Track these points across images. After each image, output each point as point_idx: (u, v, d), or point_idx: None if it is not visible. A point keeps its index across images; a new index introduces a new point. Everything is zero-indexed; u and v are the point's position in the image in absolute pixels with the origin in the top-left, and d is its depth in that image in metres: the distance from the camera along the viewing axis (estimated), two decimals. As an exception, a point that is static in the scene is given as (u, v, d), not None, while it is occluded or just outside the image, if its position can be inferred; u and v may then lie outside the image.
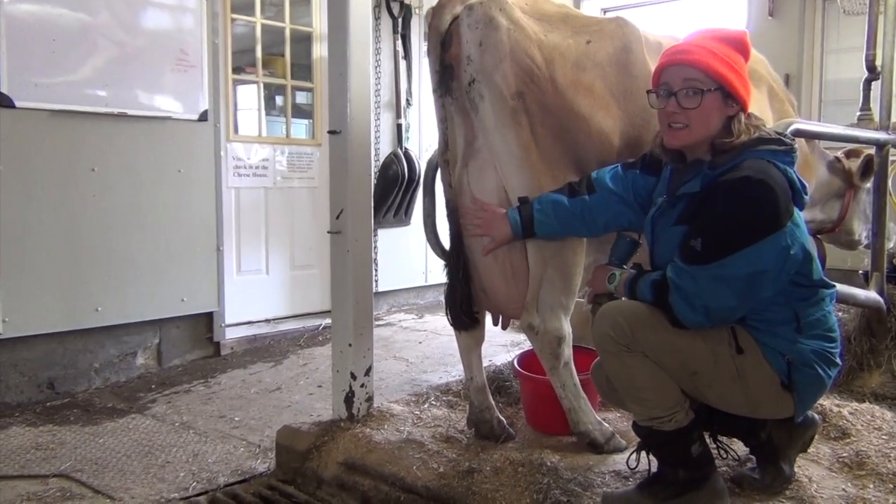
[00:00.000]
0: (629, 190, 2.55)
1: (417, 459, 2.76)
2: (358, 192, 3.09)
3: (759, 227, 2.08)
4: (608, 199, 2.55)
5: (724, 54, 2.21)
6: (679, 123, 2.23)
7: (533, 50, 2.59)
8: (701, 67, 2.18)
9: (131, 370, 4.64)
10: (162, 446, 3.53)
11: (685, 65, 2.21)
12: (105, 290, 4.44)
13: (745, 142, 2.19)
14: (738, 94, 2.20)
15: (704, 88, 2.18)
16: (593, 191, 2.56)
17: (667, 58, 2.27)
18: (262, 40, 5.55)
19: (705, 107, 2.19)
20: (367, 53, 3.13)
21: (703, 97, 2.18)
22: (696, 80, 2.19)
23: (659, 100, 2.28)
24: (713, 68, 2.17)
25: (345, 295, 3.11)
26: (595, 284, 2.49)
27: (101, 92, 4.35)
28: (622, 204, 2.55)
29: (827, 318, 2.26)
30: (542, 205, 2.57)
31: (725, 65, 2.19)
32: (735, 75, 2.20)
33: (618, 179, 2.57)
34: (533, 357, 3.02)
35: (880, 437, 2.85)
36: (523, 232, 2.59)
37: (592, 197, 2.55)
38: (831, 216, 4.00)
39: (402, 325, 6.00)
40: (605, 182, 2.56)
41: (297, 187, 5.76)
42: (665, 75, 2.26)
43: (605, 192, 2.55)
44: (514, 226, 2.59)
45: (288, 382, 4.51)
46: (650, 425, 2.27)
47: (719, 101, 2.19)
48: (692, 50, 2.22)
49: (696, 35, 2.30)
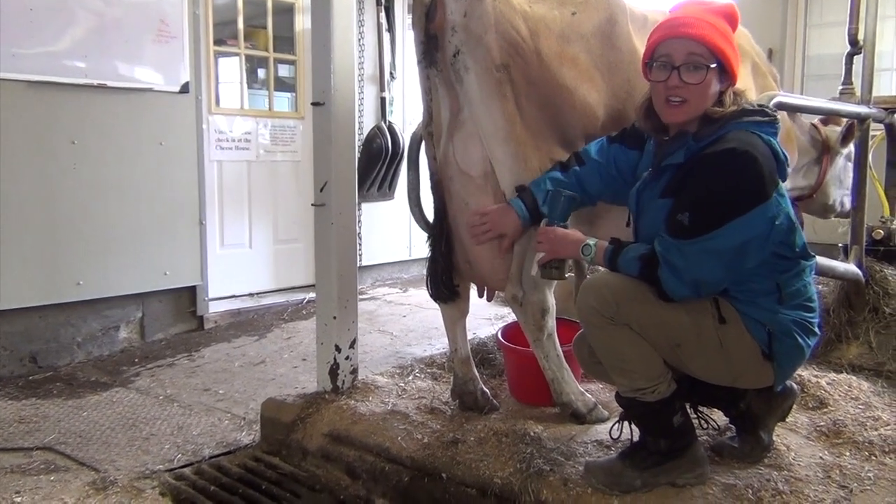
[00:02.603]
0: (612, 163, 2.56)
1: (402, 430, 2.78)
2: (342, 163, 3.08)
3: (746, 198, 2.09)
4: (596, 170, 2.57)
5: (721, 28, 2.20)
6: (678, 98, 2.20)
7: (518, 21, 2.57)
8: (704, 42, 2.15)
9: (114, 344, 4.63)
10: (146, 419, 3.53)
11: (690, 38, 2.16)
12: (86, 264, 4.41)
13: (729, 113, 2.20)
14: (732, 69, 2.20)
15: (707, 64, 2.16)
16: (582, 163, 2.58)
17: (668, 30, 2.22)
18: (244, 12, 5.49)
19: (706, 82, 2.17)
20: (351, 24, 3.11)
21: (706, 73, 2.16)
22: (699, 55, 2.16)
23: (656, 72, 2.23)
24: (716, 44, 2.15)
25: (329, 267, 3.11)
26: (553, 250, 2.44)
27: (79, 63, 4.28)
28: (607, 175, 2.57)
29: (807, 289, 2.29)
30: (541, 185, 2.57)
31: (725, 40, 2.18)
32: (731, 50, 2.19)
33: (602, 152, 2.58)
34: (517, 329, 3.04)
35: (857, 406, 2.90)
36: (531, 216, 2.58)
37: (582, 168, 2.58)
38: (810, 182, 4.04)
39: (387, 298, 6.02)
40: (591, 154, 2.59)
41: (280, 161, 5.73)
42: (665, 47, 2.21)
43: (593, 164, 2.57)
44: (520, 213, 2.57)
45: (272, 356, 4.52)
46: (633, 396, 2.29)
47: (716, 75, 2.18)
48: (695, 23, 2.18)
49: (689, 6, 2.27)
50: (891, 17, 6.06)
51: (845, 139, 3.92)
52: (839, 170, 4.08)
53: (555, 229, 2.44)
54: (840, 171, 4.09)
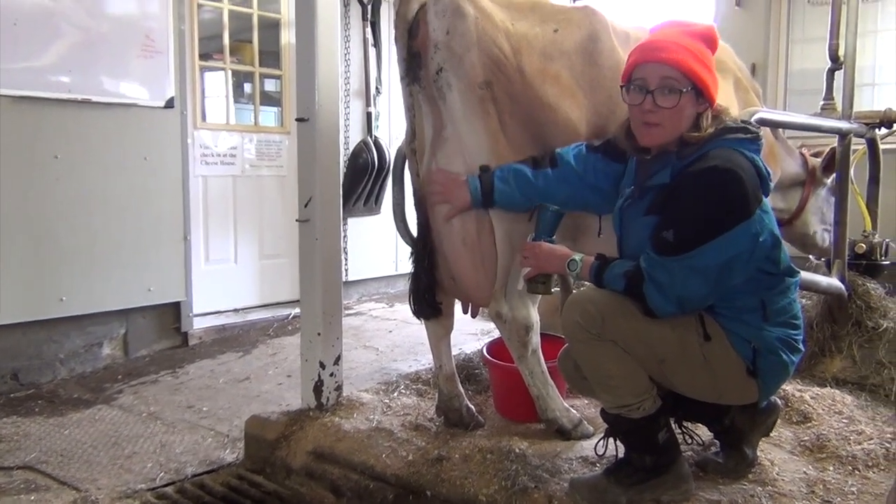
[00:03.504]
0: (589, 171, 2.55)
1: (387, 448, 2.76)
2: (326, 180, 3.08)
3: (730, 215, 2.10)
4: (569, 176, 2.55)
5: (697, 51, 2.21)
6: (653, 121, 2.22)
7: (500, 39, 2.58)
8: (678, 67, 2.17)
9: (97, 361, 4.59)
10: (129, 437, 3.49)
11: (663, 63, 2.19)
12: (70, 280, 4.38)
13: (707, 136, 2.21)
14: (709, 92, 2.21)
15: (681, 88, 2.18)
16: (556, 165, 2.56)
17: (643, 54, 2.24)
18: (230, 27, 5.48)
19: (680, 106, 2.19)
20: (336, 40, 3.11)
21: (680, 97, 2.18)
22: (673, 80, 2.18)
23: (632, 95, 2.26)
24: (690, 68, 2.17)
25: (313, 283, 3.10)
26: (539, 265, 2.45)
27: (64, 78, 4.27)
28: (581, 182, 2.55)
29: (792, 306, 2.30)
30: (504, 173, 2.56)
31: (700, 63, 2.19)
32: (708, 73, 2.20)
33: (580, 159, 2.57)
34: (502, 345, 3.04)
35: (840, 420, 2.91)
36: (483, 199, 2.57)
37: (555, 171, 2.55)
38: (790, 206, 4.06)
39: (373, 314, 6.00)
40: (568, 159, 2.57)
41: (265, 175, 5.71)
42: (640, 71, 2.23)
43: (568, 169, 2.55)
44: (473, 192, 2.57)
45: (257, 372, 4.49)
46: (619, 412, 2.29)
47: (692, 99, 2.20)
48: (669, 48, 2.20)
49: (667, 29, 2.28)
50: (871, 33, 6.12)
51: (827, 167, 3.95)
52: (821, 201, 4.10)
53: (541, 244, 2.45)
54: (822, 202, 4.10)
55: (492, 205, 2.58)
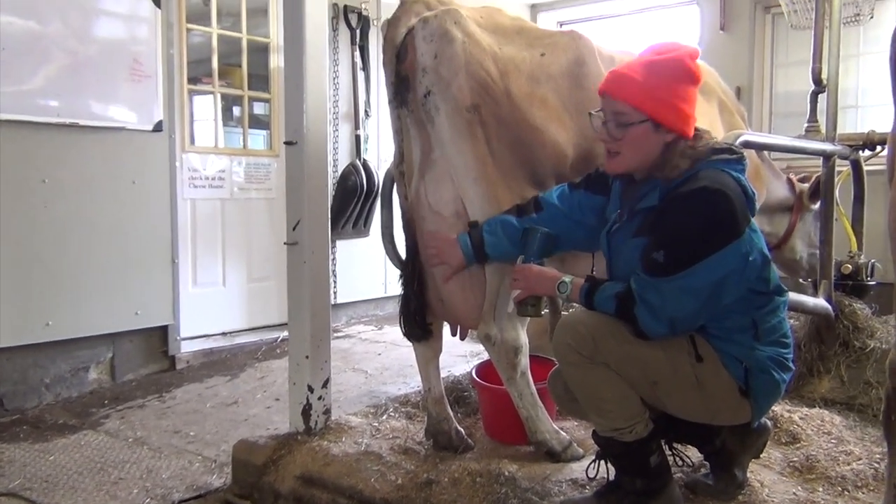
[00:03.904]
0: (575, 208, 2.58)
1: (375, 472, 2.74)
2: (315, 202, 3.08)
3: (720, 236, 2.11)
4: (555, 217, 2.57)
5: (654, 84, 2.20)
6: (613, 150, 2.28)
7: (488, 62, 2.61)
8: (628, 101, 2.21)
9: (83, 385, 4.55)
10: (115, 463, 3.46)
11: (611, 97, 2.25)
12: (56, 304, 4.35)
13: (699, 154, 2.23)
14: (668, 124, 2.21)
15: (630, 122, 2.21)
16: (541, 209, 2.59)
17: (603, 85, 2.30)
18: (219, 50, 5.50)
19: (633, 137, 2.23)
20: (324, 64, 3.12)
21: (629, 129, 2.22)
22: (622, 114, 2.23)
23: (595, 123, 2.34)
24: (638, 102, 2.20)
25: (301, 306, 3.09)
26: (529, 287, 2.47)
27: (52, 102, 4.27)
28: (569, 221, 2.58)
29: (782, 325, 2.31)
30: (491, 226, 2.59)
31: (653, 97, 2.19)
32: (665, 106, 2.20)
33: (564, 198, 2.60)
34: (491, 367, 3.03)
35: (829, 441, 2.92)
36: (475, 254, 2.61)
37: (540, 215, 2.58)
38: (778, 231, 4.09)
39: (362, 336, 5.98)
40: (552, 201, 2.60)
41: (254, 198, 5.71)
42: (601, 101, 2.30)
43: (553, 210, 2.58)
44: (465, 250, 2.61)
45: (245, 396, 4.46)
46: (611, 436, 2.28)
47: (649, 131, 2.21)
48: (623, 81, 2.23)
49: (637, 59, 2.30)
50: (854, 57, 6.21)
51: (814, 195, 3.98)
52: (808, 227, 4.13)
53: (531, 266, 2.46)
54: (810, 228, 4.13)
55: (485, 258, 2.61)
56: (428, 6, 2.71)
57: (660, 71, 2.22)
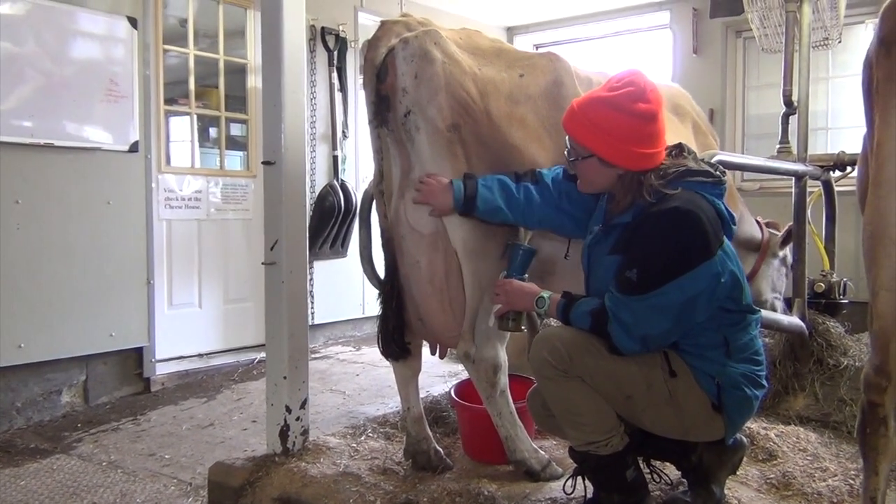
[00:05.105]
0: (563, 197, 2.61)
1: (354, 493, 2.72)
2: (293, 222, 3.07)
3: (691, 255, 2.15)
4: (547, 196, 2.61)
5: (599, 122, 2.25)
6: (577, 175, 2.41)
7: (468, 83, 2.63)
8: (573, 137, 2.32)
9: (56, 409, 4.48)
10: (88, 487, 3.40)
11: (566, 130, 2.35)
12: (29, 326, 4.29)
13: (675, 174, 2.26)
14: (613, 161, 2.27)
15: (579, 156, 2.32)
16: (536, 182, 2.62)
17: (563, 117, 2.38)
18: (196, 72, 5.50)
19: (584, 169, 2.35)
20: (302, 84, 3.13)
21: (578, 162, 2.34)
22: (574, 148, 2.34)
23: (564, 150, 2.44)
24: (583, 140, 2.29)
25: (279, 327, 3.07)
26: (509, 302, 2.48)
27: (26, 122, 4.24)
28: (556, 206, 2.61)
29: (754, 342, 2.34)
30: (488, 181, 2.59)
31: (596, 135, 2.26)
32: (608, 145, 2.25)
33: (557, 183, 2.63)
34: (470, 387, 3.03)
35: (805, 458, 2.95)
36: (465, 204, 2.57)
37: (535, 187, 2.61)
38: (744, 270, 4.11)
39: (339, 357, 5.95)
40: (547, 179, 2.63)
41: (231, 219, 5.68)
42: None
43: (546, 188, 2.61)
44: (456, 194, 2.57)
45: (221, 418, 4.41)
46: (587, 450, 2.30)
47: (597, 165, 2.30)
48: (573, 116, 2.32)
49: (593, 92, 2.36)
50: (823, 80, 6.34)
51: (784, 241, 4.03)
52: (773, 271, 4.15)
53: (511, 281, 2.48)
54: (774, 272, 4.15)
55: (473, 210, 2.58)
56: (408, 27, 2.73)
57: (605, 109, 2.26)
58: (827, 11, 4.29)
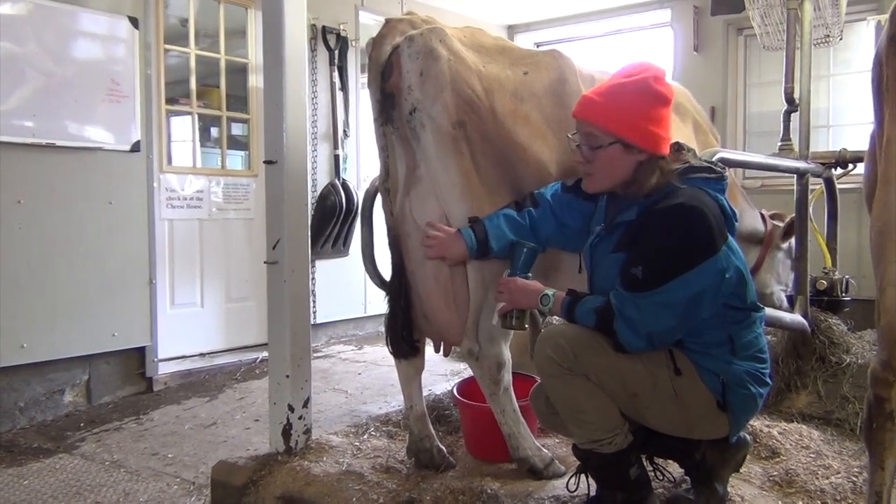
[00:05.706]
0: (564, 209, 2.60)
1: (357, 491, 2.72)
2: (294, 221, 3.07)
3: (696, 252, 2.14)
4: (549, 215, 2.60)
5: (622, 106, 2.25)
6: (587, 172, 2.34)
7: (473, 80, 2.63)
8: (596, 124, 2.27)
9: (59, 408, 4.48)
10: (91, 486, 3.40)
11: (583, 120, 2.31)
12: (32, 326, 4.29)
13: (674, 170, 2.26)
14: (639, 144, 2.25)
15: (601, 144, 2.27)
16: (537, 204, 2.61)
17: (575, 107, 2.35)
18: (197, 71, 5.50)
19: (604, 159, 2.28)
20: (303, 84, 3.13)
21: (599, 151, 2.27)
22: (593, 136, 2.28)
23: (571, 144, 2.39)
24: (607, 125, 2.25)
25: (282, 326, 3.07)
26: (513, 300, 2.47)
27: (27, 122, 4.24)
28: (558, 222, 2.61)
29: (758, 340, 2.34)
30: (494, 220, 2.58)
31: (622, 119, 2.24)
32: (634, 127, 2.24)
33: (556, 197, 2.63)
34: (473, 385, 3.03)
35: (808, 455, 2.95)
36: (478, 248, 2.57)
37: (536, 210, 2.60)
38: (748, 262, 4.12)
39: (342, 356, 5.95)
40: (546, 198, 2.62)
41: (233, 219, 5.68)
42: (575, 124, 2.36)
43: (547, 207, 2.61)
44: (469, 242, 2.56)
45: (224, 417, 4.41)
46: (591, 448, 2.29)
47: (620, 152, 2.26)
48: (594, 103, 2.28)
49: (607, 82, 2.34)
50: (825, 77, 6.34)
51: (787, 234, 4.03)
52: (777, 263, 4.15)
53: (515, 280, 2.48)
54: (778, 264, 4.15)
55: (488, 252, 2.57)
56: (413, 25, 2.73)
57: (627, 93, 2.26)
58: (828, 8, 4.28)
